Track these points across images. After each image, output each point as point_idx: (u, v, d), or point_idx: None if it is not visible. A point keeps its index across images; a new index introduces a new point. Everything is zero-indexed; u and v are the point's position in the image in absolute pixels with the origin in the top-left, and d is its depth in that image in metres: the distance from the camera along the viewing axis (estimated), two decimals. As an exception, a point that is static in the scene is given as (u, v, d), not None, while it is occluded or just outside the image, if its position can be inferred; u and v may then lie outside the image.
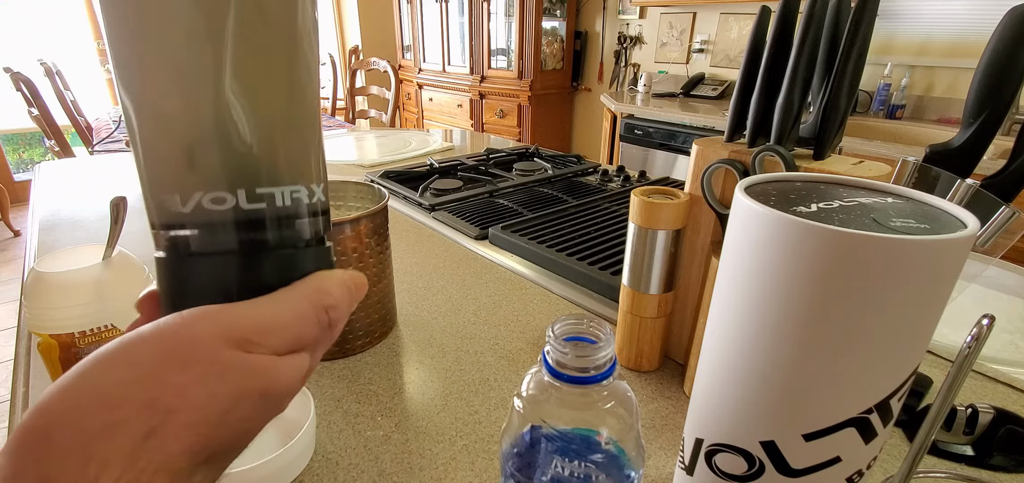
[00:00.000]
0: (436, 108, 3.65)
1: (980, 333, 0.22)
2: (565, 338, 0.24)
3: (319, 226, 0.19)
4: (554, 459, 0.25)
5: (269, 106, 0.17)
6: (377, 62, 2.55)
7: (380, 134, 1.55)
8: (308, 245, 0.18)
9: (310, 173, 0.18)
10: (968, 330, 0.22)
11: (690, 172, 0.44)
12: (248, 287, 0.17)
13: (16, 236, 2.89)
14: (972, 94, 0.34)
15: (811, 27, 0.36)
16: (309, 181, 0.18)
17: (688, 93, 2.56)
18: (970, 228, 0.19)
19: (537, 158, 1.19)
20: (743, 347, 0.23)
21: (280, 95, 0.17)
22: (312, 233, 0.18)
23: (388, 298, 0.53)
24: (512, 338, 0.54)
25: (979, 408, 0.39)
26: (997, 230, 0.33)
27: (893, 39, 2.04)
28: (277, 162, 0.17)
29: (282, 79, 0.17)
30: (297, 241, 0.18)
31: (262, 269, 0.17)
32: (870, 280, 0.18)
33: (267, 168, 0.17)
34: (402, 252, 0.74)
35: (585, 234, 0.75)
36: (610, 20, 3.01)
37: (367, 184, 0.55)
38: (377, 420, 0.42)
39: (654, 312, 0.46)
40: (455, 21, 3.32)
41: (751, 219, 0.21)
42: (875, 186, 0.24)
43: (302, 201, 0.18)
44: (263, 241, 0.17)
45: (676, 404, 0.45)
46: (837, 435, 0.21)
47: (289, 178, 0.17)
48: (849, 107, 0.37)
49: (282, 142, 0.17)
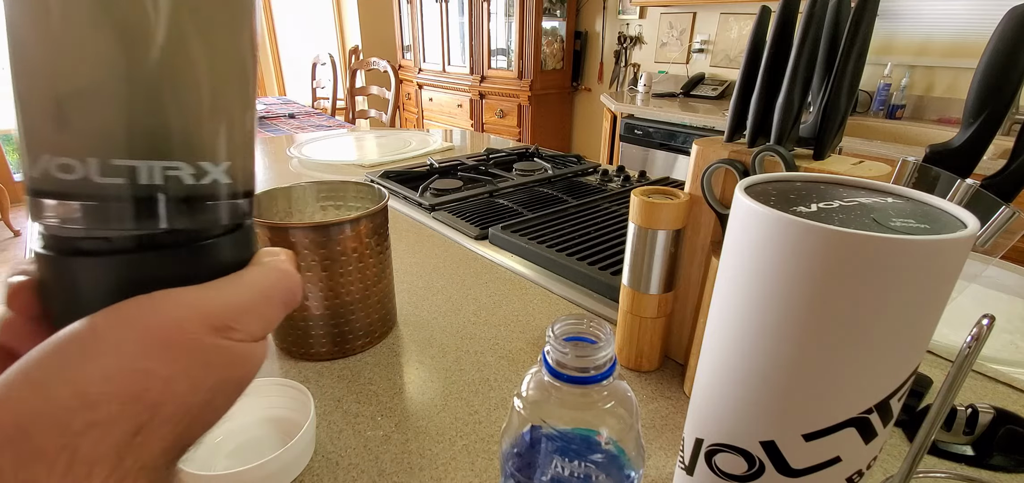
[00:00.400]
0: (436, 108, 3.66)
1: (980, 333, 0.22)
2: (565, 338, 0.24)
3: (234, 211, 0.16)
4: (554, 459, 0.25)
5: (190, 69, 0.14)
6: (377, 62, 2.56)
7: (380, 134, 1.55)
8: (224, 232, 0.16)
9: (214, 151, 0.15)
10: (968, 330, 0.22)
11: (690, 172, 0.44)
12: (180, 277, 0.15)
13: (16, 236, 2.89)
14: (972, 94, 0.34)
15: (811, 27, 0.36)
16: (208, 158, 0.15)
17: (688, 93, 2.56)
18: (970, 228, 0.19)
19: (537, 158, 1.19)
20: (743, 347, 0.23)
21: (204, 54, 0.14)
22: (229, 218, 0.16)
23: (388, 298, 0.53)
24: (512, 338, 0.54)
25: (979, 408, 0.39)
26: (997, 230, 0.33)
27: (893, 39, 2.04)
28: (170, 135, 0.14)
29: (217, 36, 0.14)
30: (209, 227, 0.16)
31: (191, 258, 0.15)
32: (870, 280, 0.18)
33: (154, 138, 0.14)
34: (402, 252, 0.74)
35: (585, 234, 0.75)
36: (610, 20, 3.01)
37: (367, 184, 0.55)
38: (377, 420, 0.42)
39: (654, 312, 0.46)
40: (455, 21, 3.32)
41: (751, 219, 0.21)
42: (875, 186, 0.24)
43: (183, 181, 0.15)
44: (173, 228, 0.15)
45: (676, 404, 0.45)
46: (837, 435, 0.21)
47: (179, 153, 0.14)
48: (849, 107, 0.37)
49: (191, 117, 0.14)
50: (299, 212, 0.55)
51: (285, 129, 1.92)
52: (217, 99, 0.15)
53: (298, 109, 2.43)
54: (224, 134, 0.15)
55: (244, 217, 0.17)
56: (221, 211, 0.16)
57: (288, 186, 0.54)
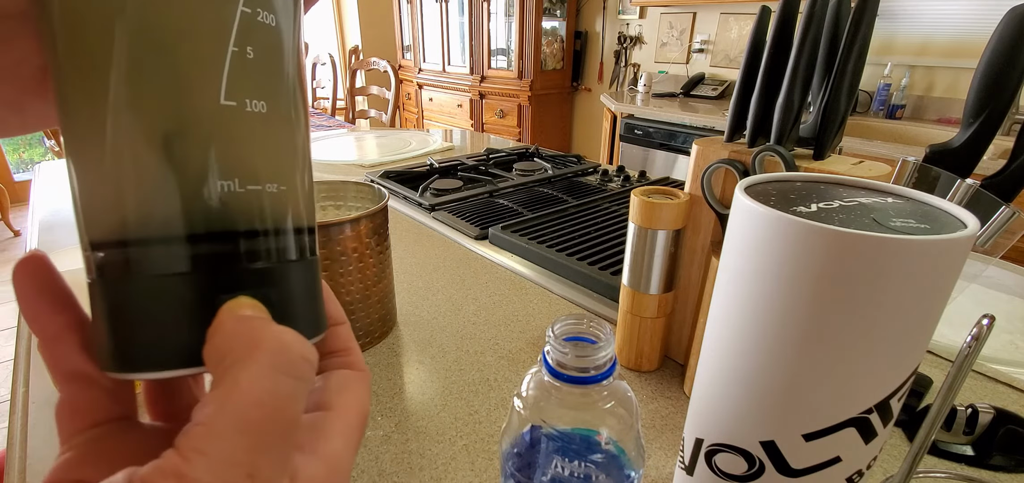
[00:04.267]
0: (436, 108, 3.66)
1: (980, 333, 0.22)
2: (565, 338, 0.24)
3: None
4: (554, 459, 0.25)
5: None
6: (377, 62, 2.56)
7: (380, 134, 1.55)
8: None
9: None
10: (968, 330, 0.22)
11: (690, 172, 0.44)
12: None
13: (16, 236, 2.89)
14: (972, 94, 0.34)
15: (811, 27, 0.36)
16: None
17: (688, 93, 2.56)
18: (970, 228, 0.19)
19: (537, 158, 1.19)
20: (743, 347, 0.23)
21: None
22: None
23: (388, 298, 0.53)
24: (512, 338, 0.54)
25: (979, 408, 0.39)
26: (997, 230, 0.33)
27: (893, 39, 2.04)
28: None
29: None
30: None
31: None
32: (870, 280, 0.18)
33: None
34: (402, 252, 0.74)
35: (585, 234, 0.75)
36: (610, 20, 3.01)
37: (367, 184, 0.55)
38: (377, 420, 0.42)
39: (654, 312, 0.46)
40: (455, 21, 3.32)
41: (751, 219, 0.21)
42: (875, 186, 0.24)
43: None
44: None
45: (676, 404, 0.45)
46: (837, 435, 0.21)
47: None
48: (849, 107, 0.37)
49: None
50: (299, 212, 0.55)
51: (285, 129, 1.91)
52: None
53: (298, 109, 2.42)
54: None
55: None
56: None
57: (288, 186, 0.54)
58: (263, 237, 0.15)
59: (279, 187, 0.15)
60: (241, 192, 0.14)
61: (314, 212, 0.18)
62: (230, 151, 0.14)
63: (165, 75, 0.13)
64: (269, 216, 0.15)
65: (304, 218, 0.16)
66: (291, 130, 0.16)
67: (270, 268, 0.15)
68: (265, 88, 0.14)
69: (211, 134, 0.13)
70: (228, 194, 0.14)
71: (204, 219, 0.14)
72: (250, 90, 0.14)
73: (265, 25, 0.14)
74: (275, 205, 0.15)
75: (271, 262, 0.15)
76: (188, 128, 0.13)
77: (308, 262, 0.17)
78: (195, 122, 0.13)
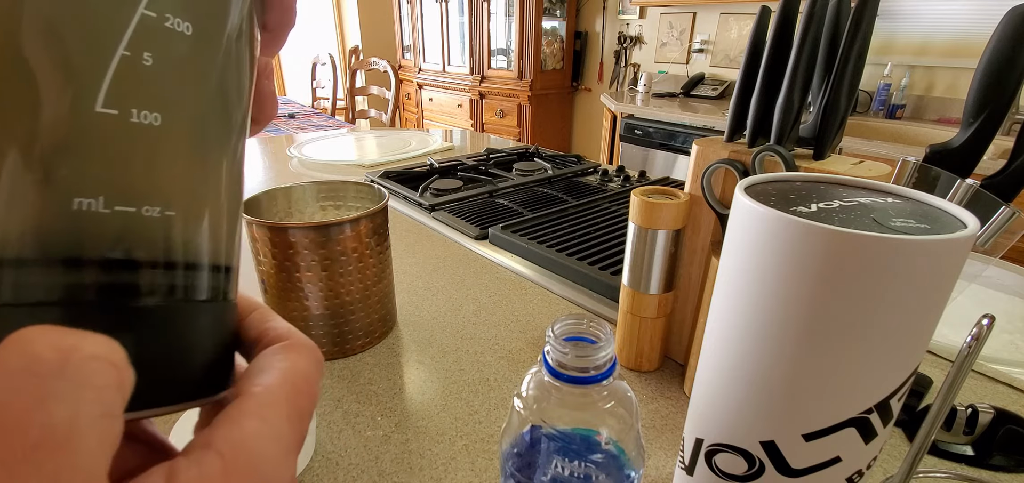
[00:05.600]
0: (436, 108, 3.66)
1: (980, 333, 0.22)
2: (565, 338, 0.24)
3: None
4: (554, 459, 0.25)
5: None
6: (377, 62, 2.56)
7: (380, 134, 1.55)
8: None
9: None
10: (968, 330, 0.22)
11: (690, 172, 0.44)
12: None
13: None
14: (972, 94, 0.34)
15: (811, 27, 0.36)
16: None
17: (688, 93, 2.56)
18: (970, 228, 0.19)
19: (537, 158, 1.19)
20: (743, 347, 0.23)
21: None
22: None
23: (388, 298, 0.53)
24: (512, 338, 0.54)
25: (979, 408, 0.39)
26: (997, 230, 0.33)
27: (893, 39, 2.04)
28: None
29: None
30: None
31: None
32: (870, 280, 0.18)
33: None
34: (402, 252, 0.74)
35: (585, 234, 0.75)
36: (610, 20, 3.01)
37: (367, 184, 0.55)
38: (377, 420, 0.42)
39: (654, 312, 0.46)
40: (455, 21, 3.32)
41: (751, 219, 0.21)
42: (875, 186, 0.24)
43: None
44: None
45: (676, 404, 0.45)
46: (837, 435, 0.21)
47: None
48: (849, 107, 0.37)
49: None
50: (299, 212, 0.55)
51: (285, 129, 1.92)
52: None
53: (298, 109, 2.43)
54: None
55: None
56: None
57: (288, 186, 0.54)
58: (132, 270, 0.13)
59: (163, 212, 0.13)
60: (105, 213, 0.12)
61: (233, 248, 0.15)
62: (98, 164, 0.12)
63: (32, 70, 0.11)
64: (144, 245, 0.13)
65: (205, 253, 0.14)
66: (202, 150, 0.14)
67: (142, 307, 0.13)
68: (165, 100, 0.13)
69: (75, 142, 0.11)
70: (86, 213, 0.12)
71: (57, 240, 0.12)
72: (142, 100, 0.12)
73: (176, 32, 0.12)
74: (156, 232, 0.13)
75: (142, 301, 0.13)
76: (45, 132, 0.11)
77: (207, 306, 0.14)
78: (54, 126, 0.11)
